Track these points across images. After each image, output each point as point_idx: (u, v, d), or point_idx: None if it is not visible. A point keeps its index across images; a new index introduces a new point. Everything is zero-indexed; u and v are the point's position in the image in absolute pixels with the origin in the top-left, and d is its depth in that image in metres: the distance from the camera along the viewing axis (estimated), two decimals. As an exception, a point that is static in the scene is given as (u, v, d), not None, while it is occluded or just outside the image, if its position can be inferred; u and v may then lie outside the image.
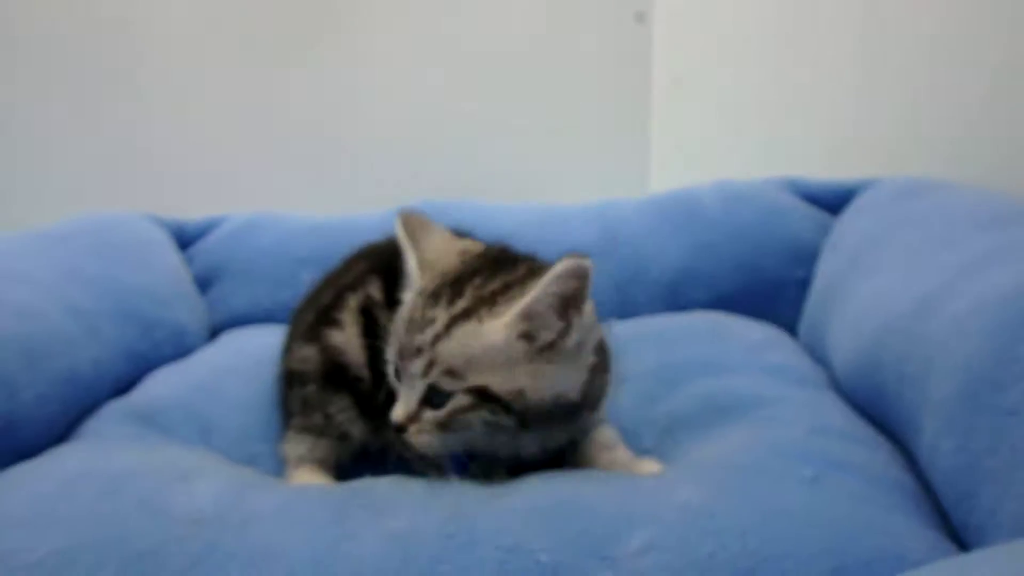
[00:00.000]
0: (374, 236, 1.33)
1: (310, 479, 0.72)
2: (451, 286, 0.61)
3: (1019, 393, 0.49)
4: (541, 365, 0.59)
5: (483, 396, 0.58)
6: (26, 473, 0.65)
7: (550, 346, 0.59)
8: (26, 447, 0.74)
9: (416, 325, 0.59)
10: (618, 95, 1.70)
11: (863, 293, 0.81)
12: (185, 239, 1.31)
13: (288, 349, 0.81)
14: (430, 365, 0.58)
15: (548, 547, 0.50)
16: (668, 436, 0.78)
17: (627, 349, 0.97)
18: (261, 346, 1.00)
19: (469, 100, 1.61)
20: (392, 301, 0.70)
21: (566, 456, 0.71)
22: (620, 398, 0.85)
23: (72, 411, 0.84)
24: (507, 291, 0.60)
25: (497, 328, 0.58)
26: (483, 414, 0.59)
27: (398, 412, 0.60)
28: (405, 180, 1.59)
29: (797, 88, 1.38)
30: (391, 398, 0.67)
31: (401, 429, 0.60)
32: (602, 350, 0.68)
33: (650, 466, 0.66)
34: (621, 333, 1.01)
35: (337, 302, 0.75)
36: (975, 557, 0.39)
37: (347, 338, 0.72)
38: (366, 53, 1.57)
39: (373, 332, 0.70)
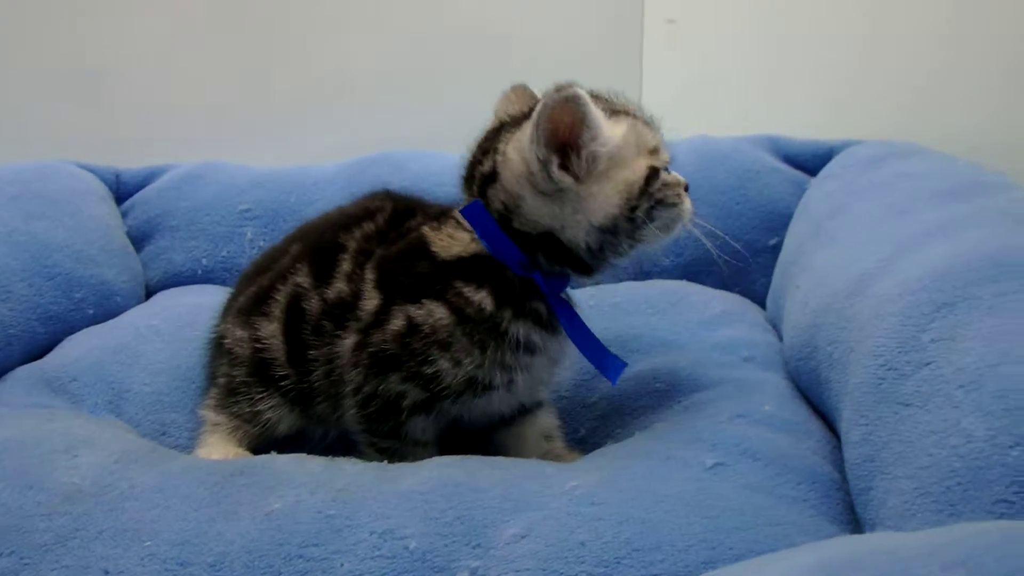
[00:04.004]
0: (327, 189, 1.35)
1: (218, 450, 0.75)
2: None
3: (916, 383, 0.50)
4: None
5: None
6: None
7: None
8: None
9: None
10: (608, 36, 1.66)
11: (816, 265, 0.81)
12: (123, 190, 1.32)
13: (225, 316, 0.83)
14: None
15: (421, 533, 0.53)
16: (602, 424, 0.80)
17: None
18: (190, 307, 1.02)
19: (442, 36, 1.58)
20: (326, 278, 0.72)
21: (500, 439, 0.74)
22: (560, 374, 0.87)
23: (-22, 374, 0.87)
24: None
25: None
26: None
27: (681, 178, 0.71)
28: (366, 128, 1.58)
29: (799, 37, 1.34)
30: (328, 376, 0.70)
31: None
32: None
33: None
34: (574, 301, 1.03)
35: (271, 289, 0.76)
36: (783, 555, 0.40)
37: (272, 332, 0.74)
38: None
39: (299, 326, 0.72)
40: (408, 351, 0.65)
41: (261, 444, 0.76)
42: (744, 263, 1.14)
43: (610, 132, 0.66)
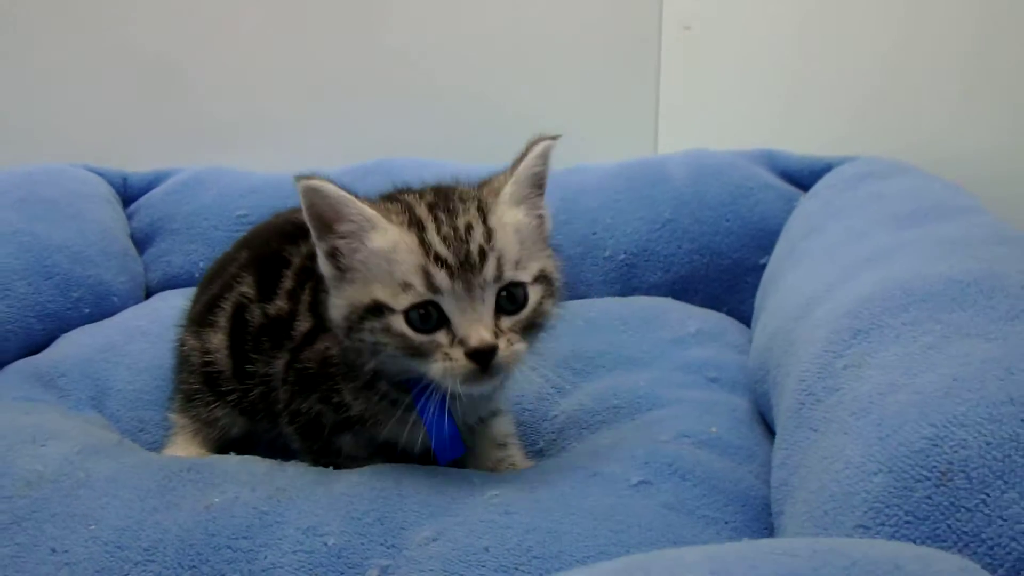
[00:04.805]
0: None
1: (183, 450, 0.81)
2: (443, 200, 0.65)
3: (825, 409, 0.52)
4: (548, 248, 0.68)
5: (547, 281, 0.65)
6: None
7: (540, 227, 0.67)
8: (-74, 399, 0.85)
9: (456, 237, 0.60)
10: (625, 41, 1.68)
11: (781, 288, 0.83)
12: (130, 193, 1.40)
13: (185, 324, 0.88)
14: (499, 264, 0.61)
15: (340, 531, 0.57)
16: (560, 436, 0.84)
17: (550, 334, 1.03)
18: (179, 309, 1.09)
19: (455, 42, 1.62)
20: (269, 293, 0.75)
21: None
22: (526, 387, 0.91)
23: (-23, 367, 0.95)
24: (488, 184, 0.67)
25: (513, 210, 0.64)
26: (549, 304, 0.65)
27: (481, 335, 0.59)
28: (377, 133, 1.64)
29: (816, 47, 1.34)
30: (263, 397, 0.74)
31: (489, 354, 0.59)
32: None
33: None
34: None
35: (219, 297, 0.81)
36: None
37: (219, 343, 0.79)
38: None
39: (242, 338, 0.76)
40: (324, 375, 0.69)
41: (223, 445, 0.82)
42: (733, 281, 1.15)
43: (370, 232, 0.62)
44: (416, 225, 0.62)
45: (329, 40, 1.60)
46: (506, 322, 0.62)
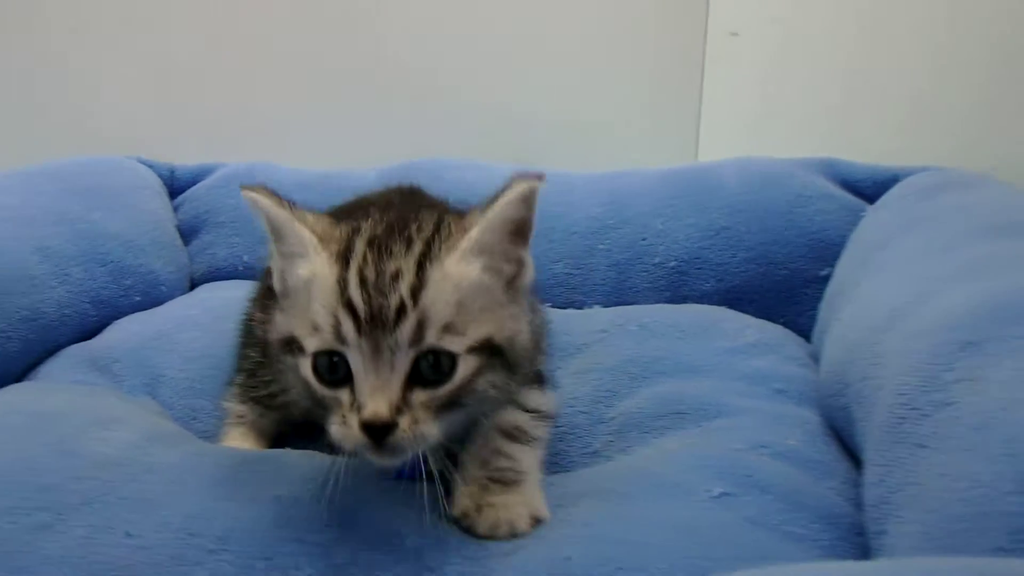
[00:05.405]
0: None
1: (239, 443, 0.81)
2: (390, 234, 0.56)
3: (934, 424, 0.50)
4: (513, 307, 0.57)
5: (490, 352, 0.54)
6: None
7: (511, 283, 0.57)
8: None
9: (378, 284, 0.52)
10: (669, 47, 1.67)
11: (860, 298, 0.81)
12: (176, 185, 1.42)
13: (254, 298, 0.86)
14: (421, 326, 0.52)
15: (416, 534, 0.56)
16: (619, 438, 0.82)
17: (603, 339, 1.02)
18: (227, 300, 1.09)
19: (509, 51, 1.63)
20: None
21: None
22: (579, 390, 0.89)
23: (34, 351, 0.96)
24: (454, 225, 0.57)
25: (467, 263, 0.54)
26: (491, 378, 0.54)
27: (376, 407, 0.50)
28: (424, 134, 1.64)
29: (869, 55, 1.32)
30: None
31: (383, 429, 0.51)
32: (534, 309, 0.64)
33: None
34: (603, 320, 1.05)
35: None
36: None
37: None
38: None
39: None
40: None
41: (281, 435, 0.81)
42: (790, 292, 1.13)
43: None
44: (343, 259, 0.54)
45: (381, 39, 1.61)
46: (420, 395, 0.52)
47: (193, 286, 1.30)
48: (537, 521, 0.58)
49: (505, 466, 0.60)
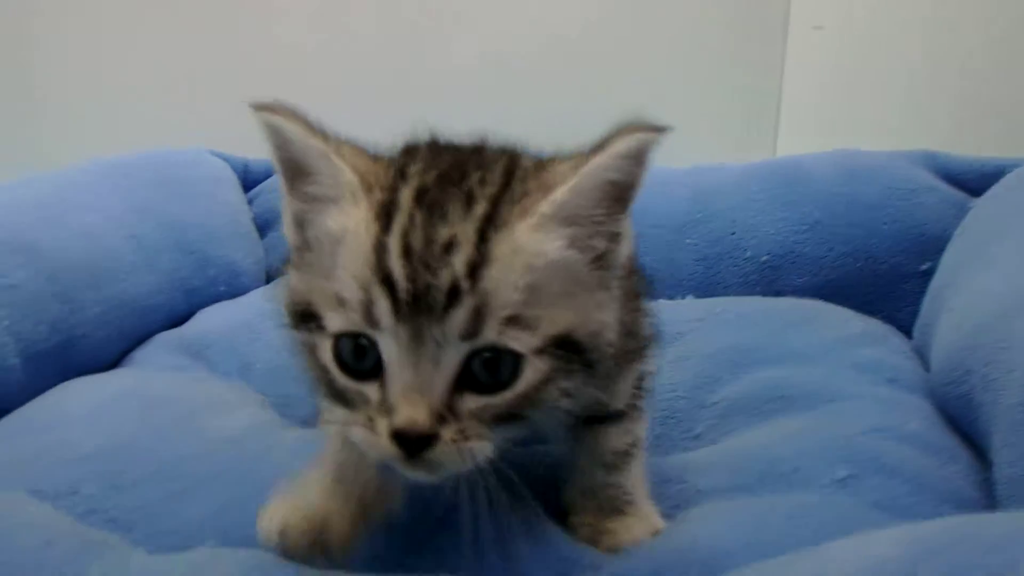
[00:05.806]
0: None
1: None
2: (444, 186, 0.43)
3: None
4: (601, 292, 0.44)
5: (566, 350, 0.42)
6: (83, 385, 0.82)
7: (600, 259, 0.44)
8: (83, 363, 0.89)
9: (427, 254, 0.40)
10: (749, 40, 1.65)
11: (975, 288, 0.77)
12: (250, 179, 1.44)
13: None
14: (478, 316, 0.40)
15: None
16: (723, 422, 0.80)
17: (699, 327, 0.99)
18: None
19: (587, 41, 1.63)
20: None
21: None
22: (677, 376, 0.87)
23: (128, 335, 0.99)
24: (532, 180, 0.44)
25: (546, 234, 0.42)
26: (564, 384, 0.42)
27: (412, 412, 0.40)
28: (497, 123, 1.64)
29: (957, 48, 1.28)
30: None
31: (420, 442, 0.40)
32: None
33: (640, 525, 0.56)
34: (698, 309, 1.03)
35: None
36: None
37: None
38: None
39: None
40: None
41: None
42: (889, 287, 1.09)
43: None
44: (384, 215, 0.42)
45: (444, 35, 1.62)
46: (470, 402, 0.41)
47: (268, 280, 1.32)
48: (656, 533, 0.55)
49: (613, 495, 0.56)
